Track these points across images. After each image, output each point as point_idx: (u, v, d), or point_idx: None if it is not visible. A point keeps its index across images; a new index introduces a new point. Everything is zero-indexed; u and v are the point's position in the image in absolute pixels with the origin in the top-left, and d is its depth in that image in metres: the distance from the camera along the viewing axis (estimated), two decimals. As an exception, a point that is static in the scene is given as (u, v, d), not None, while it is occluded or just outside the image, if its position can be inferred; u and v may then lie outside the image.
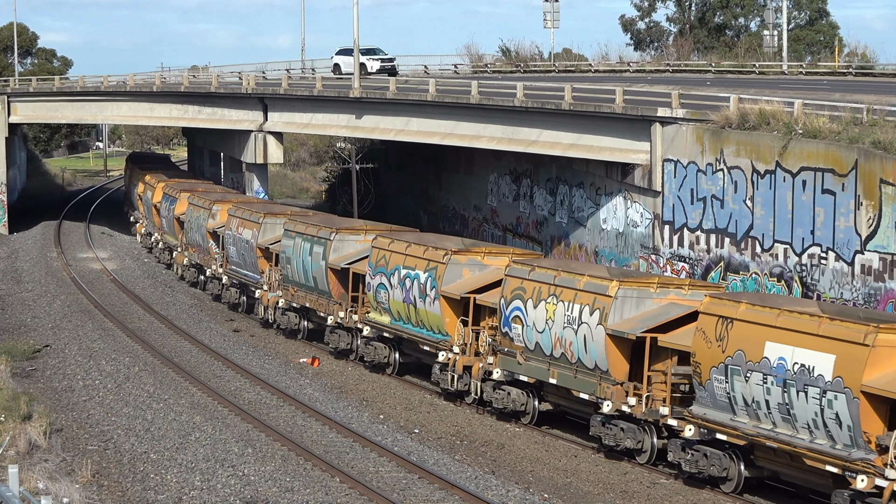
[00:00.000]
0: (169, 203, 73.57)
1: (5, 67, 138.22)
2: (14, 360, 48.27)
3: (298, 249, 52.65)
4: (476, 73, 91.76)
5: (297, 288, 53.34)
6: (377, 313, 47.22)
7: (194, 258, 67.70)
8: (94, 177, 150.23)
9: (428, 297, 43.76)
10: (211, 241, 64.20)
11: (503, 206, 65.50)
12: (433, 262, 43.87)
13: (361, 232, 51.02)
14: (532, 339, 39.14)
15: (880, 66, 74.50)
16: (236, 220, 60.32)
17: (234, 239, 60.30)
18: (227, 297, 62.52)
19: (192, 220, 67.38)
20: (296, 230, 53.49)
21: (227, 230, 61.32)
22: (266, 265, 56.82)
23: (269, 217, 57.84)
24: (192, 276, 69.29)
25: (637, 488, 34.79)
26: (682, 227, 49.34)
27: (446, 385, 43.30)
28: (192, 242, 67.62)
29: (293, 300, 53.98)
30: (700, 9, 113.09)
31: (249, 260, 58.54)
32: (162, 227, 76.10)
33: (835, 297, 41.87)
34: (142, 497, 32.90)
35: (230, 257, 61.23)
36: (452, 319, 43.06)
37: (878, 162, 40.60)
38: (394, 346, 47.89)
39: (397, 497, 33.04)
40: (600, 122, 53.78)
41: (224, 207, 63.76)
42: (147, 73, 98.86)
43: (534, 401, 40.61)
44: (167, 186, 76.08)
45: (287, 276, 53.97)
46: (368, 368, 48.78)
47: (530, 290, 39.18)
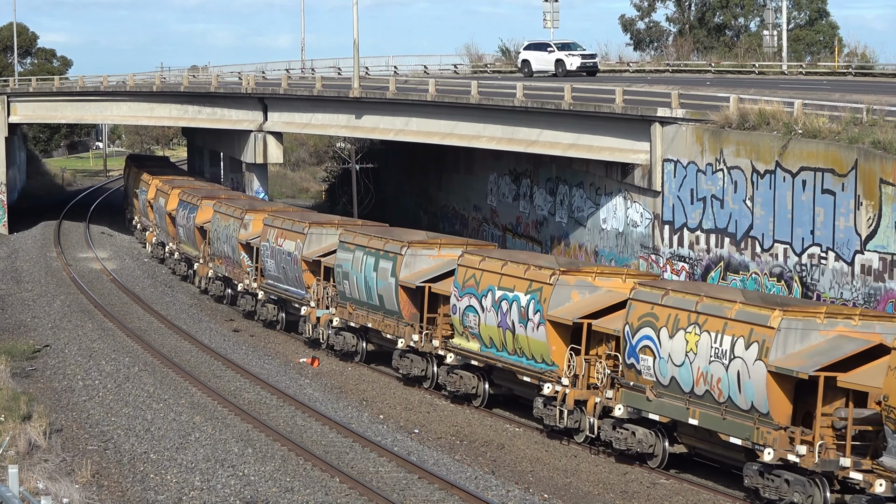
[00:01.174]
0: (188, 211, 68.72)
1: (5, 67, 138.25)
2: (14, 360, 48.27)
3: (359, 264, 48.18)
4: (476, 73, 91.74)
5: (355, 306, 48.81)
6: (463, 339, 42.68)
7: (221, 271, 63.08)
8: (93, 177, 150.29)
9: (530, 321, 39.21)
10: (243, 252, 59.52)
11: (503, 206, 65.50)
12: (537, 283, 39.29)
13: (435, 246, 46.48)
14: (666, 372, 34.57)
15: (880, 67, 74.50)
16: (274, 231, 55.68)
17: (272, 251, 55.70)
18: (263, 313, 57.87)
19: (220, 230, 62.45)
20: (355, 242, 48.94)
21: (264, 241, 56.57)
22: (312, 279, 52.70)
23: (316, 227, 53.49)
24: (217, 289, 64.49)
25: (637, 488, 34.78)
26: (682, 227, 49.34)
27: (552, 421, 38.73)
28: (218, 254, 62.88)
29: (351, 319, 49.37)
30: (700, 9, 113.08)
31: (292, 274, 54.11)
32: (178, 236, 71.08)
33: (834, 298, 41.87)
34: (142, 497, 32.89)
35: (267, 271, 56.60)
36: (560, 347, 38.55)
37: (877, 162, 40.61)
38: (483, 376, 43.03)
39: (397, 497, 33.04)
40: (600, 122, 53.78)
41: (258, 216, 59.43)
42: (147, 73, 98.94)
43: (663, 442, 35.70)
44: (184, 193, 70.93)
45: (343, 292, 49.54)
46: (450, 399, 44.06)
47: (664, 317, 34.61)
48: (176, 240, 72.03)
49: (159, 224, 76.68)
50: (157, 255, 78.21)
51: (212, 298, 64.83)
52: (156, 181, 80.00)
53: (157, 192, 77.92)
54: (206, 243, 65.18)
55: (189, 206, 68.88)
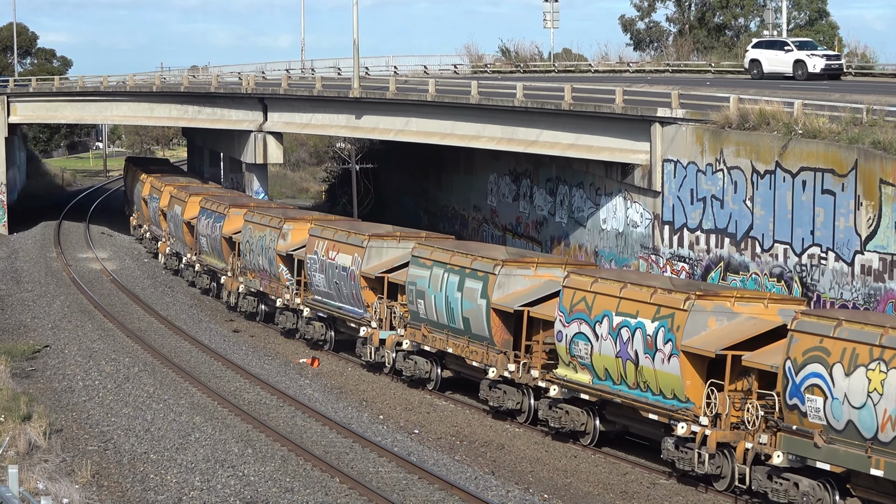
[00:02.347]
0: (212, 220, 63.84)
1: (5, 67, 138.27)
2: (14, 360, 48.29)
3: (438, 283, 43.67)
4: (476, 73, 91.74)
5: (431, 328, 44.42)
6: (570, 369, 38.21)
7: (254, 285, 58.29)
8: (93, 177, 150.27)
9: (659, 352, 34.86)
10: (282, 265, 55.11)
11: (503, 206, 65.50)
12: (667, 309, 34.98)
13: (531, 265, 41.90)
14: (841, 416, 30.43)
15: (880, 67, 74.45)
16: (323, 242, 51.14)
17: (321, 265, 51.07)
18: (309, 332, 53.37)
19: (253, 242, 57.78)
20: (432, 258, 44.42)
21: (311, 254, 51.96)
22: (373, 297, 48.07)
23: (376, 240, 48.92)
24: (250, 305, 59.73)
25: (637, 489, 34.79)
26: (682, 228, 49.34)
27: (687, 465, 34.38)
28: (253, 267, 58.04)
29: (425, 343, 44.93)
30: (700, 9, 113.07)
31: (347, 290, 49.44)
32: (199, 247, 66.23)
33: (834, 298, 41.87)
34: (142, 497, 32.90)
35: (315, 286, 51.93)
36: (696, 382, 34.29)
37: (877, 162, 40.60)
38: (593, 412, 38.48)
39: (397, 497, 33.04)
40: (600, 123, 53.77)
41: (299, 226, 55.13)
42: (147, 74, 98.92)
43: (834, 495, 31.32)
44: (206, 201, 65.96)
45: (417, 313, 45.10)
46: (552, 436, 39.84)
47: (838, 351, 30.57)
48: (195, 250, 67.54)
49: (174, 234, 71.96)
50: (171, 267, 73.67)
51: (243, 315, 60.24)
52: (169, 188, 75.43)
53: (172, 199, 73.00)
54: (235, 255, 60.70)
55: (213, 214, 64.12)
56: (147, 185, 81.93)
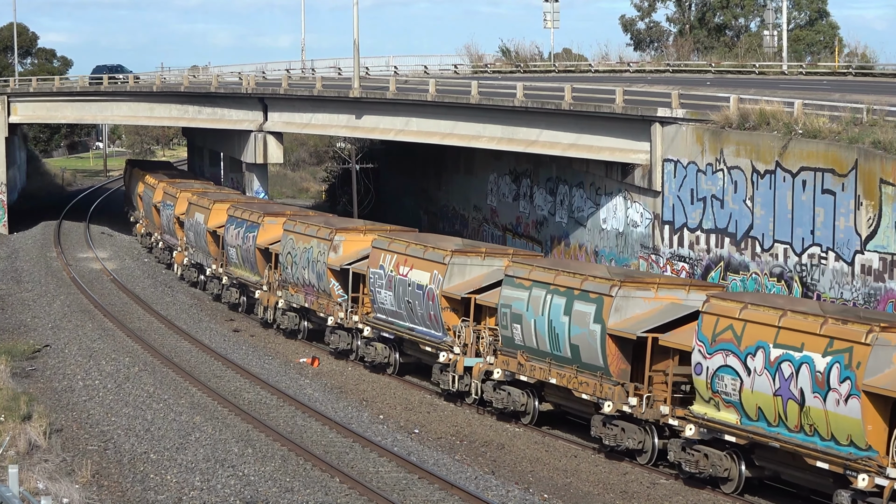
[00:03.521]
0: (244, 230, 59.53)
1: (5, 67, 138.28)
2: (14, 360, 48.28)
3: (540, 305, 39.40)
4: (476, 73, 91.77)
5: (529, 356, 40.10)
6: (711, 407, 33.88)
7: (296, 300, 54.24)
8: (93, 177, 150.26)
9: (834, 392, 30.47)
10: (333, 280, 50.81)
11: (503, 206, 65.51)
12: (843, 342, 30.49)
13: (651, 286, 37.47)
14: None
15: (880, 67, 74.52)
16: (391, 256, 46.62)
17: (390, 281, 46.61)
18: (370, 353, 48.90)
19: (296, 253, 53.65)
20: (531, 278, 40.08)
21: (376, 269, 47.39)
22: (455, 320, 43.65)
23: (459, 256, 44.18)
24: (291, 321, 55.39)
25: (637, 488, 34.79)
26: (682, 227, 49.34)
27: None
28: (295, 281, 54.01)
29: (521, 372, 40.56)
30: (700, 9, 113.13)
31: (423, 311, 44.98)
32: (228, 259, 62.15)
33: (835, 298, 41.87)
34: (142, 497, 32.90)
35: (380, 305, 47.42)
36: (879, 427, 29.96)
37: (878, 162, 40.61)
38: (738, 456, 34.02)
39: (397, 497, 33.04)
40: (600, 122, 53.79)
41: (352, 237, 51.21)
42: (147, 74, 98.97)
43: None
44: (235, 209, 61.87)
45: (511, 339, 40.74)
46: (682, 479, 35.31)
47: None
48: (221, 262, 63.26)
49: (195, 244, 67.54)
50: (189, 279, 69.54)
51: (282, 332, 56.23)
52: (186, 194, 71.29)
53: (192, 206, 68.30)
54: (272, 268, 56.87)
55: (245, 223, 59.82)
56: (159, 191, 78.19)
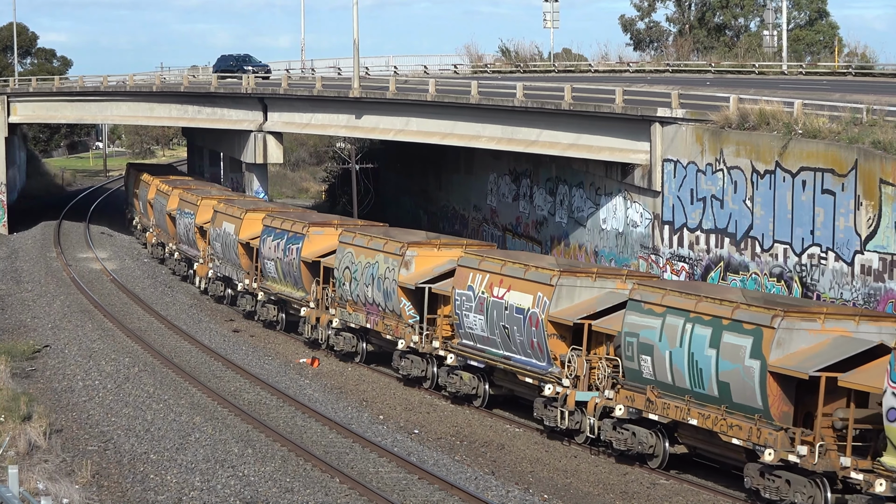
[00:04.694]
0: (285, 241, 55.08)
1: (5, 67, 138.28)
2: (14, 360, 48.29)
3: (677, 336, 34.86)
4: (476, 73, 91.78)
5: (661, 392, 35.56)
6: None
7: (355, 320, 49.55)
8: (93, 177, 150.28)
9: None
10: (404, 300, 46.40)
11: (503, 206, 65.51)
12: None
13: (817, 317, 32.89)
14: None
15: (880, 67, 74.54)
16: (483, 276, 42.16)
17: (481, 304, 42.03)
18: (454, 383, 44.04)
19: (357, 269, 48.99)
20: (665, 304, 35.45)
21: (462, 290, 42.85)
22: (563, 349, 39.12)
23: (568, 277, 39.64)
24: (347, 343, 50.64)
25: (637, 489, 34.79)
26: (682, 227, 49.34)
27: None
28: (356, 300, 49.24)
29: (651, 411, 35.84)
30: (700, 9, 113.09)
31: (524, 338, 40.43)
32: (264, 272, 57.52)
33: (834, 298, 41.86)
34: (142, 497, 32.90)
35: (467, 330, 42.90)
36: None
37: (877, 162, 40.61)
38: None
39: (397, 497, 33.05)
40: (600, 122, 53.78)
41: (426, 253, 46.75)
42: (147, 73, 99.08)
43: None
44: (272, 218, 57.48)
45: (639, 372, 36.27)
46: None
47: None
48: (255, 276, 58.84)
49: (222, 255, 63.04)
50: (215, 294, 65.13)
51: (336, 355, 51.65)
52: (209, 202, 66.93)
53: (218, 215, 63.68)
54: (320, 283, 52.66)
55: (286, 234, 55.34)
56: (174, 198, 73.65)
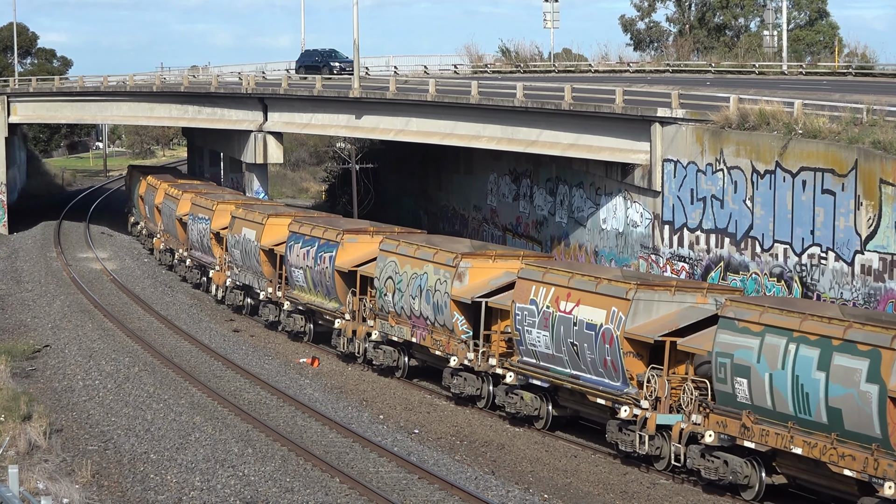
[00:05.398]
0: (316, 249, 52.11)
1: (5, 67, 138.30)
2: (14, 360, 48.29)
3: (779, 357, 32.01)
4: (476, 73, 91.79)
5: (758, 417, 32.69)
6: None
7: (398, 333, 46.94)
8: (93, 177, 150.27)
9: None
10: (457, 314, 43.59)
11: (503, 206, 65.51)
12: None
13: None
14: None
15: (880, 67, 74.56)
16: (548, 289, 39.16)
17: (545, 319, 39.19)
18: (513, 403, 41.17)
19: (403, 280, 46.32)
20: (763, 322, 32.45)
21: (524, 304, 40.07)
22: (640, 367, 36.23)
23: (645, 291, 36.58)
24: (388, 357, 48.06)
25: (637, 489, 34.79)
26: (682, 227, 49.35)
27: None
28: (400, 312, 46.58)
29: (747, 437, 32.86)
30: (700, 9, 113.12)
31: (596, 356, 37.42)
32: (291, 281, 54.59)
33: (834, 298, 41.87)
34: (142, 497, 32.91)
35: (529, 346, 40.02)
36: None
37: (878, 162, 40.61)
38: None
39: (397, 497, 33.04)
40: (600, 123, 53.79)
41: (480, 264, 43.85)
42: (147, 74, 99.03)
43: None
44: (298, 224, 54.47)
45: (731, 395, 33.23)
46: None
47: None
48: (277, 284, 56.55)
49: (242, 263, 60.09)
50: (233, 303, 61.68)
51: (375, 369, 49.13)
52: (227, 206, 64.00)
53: (237, 221, 60.60)
54: (356, 294, 49.70)
55: (317, 241, 52.48)
56: (185, 203, 70.84)
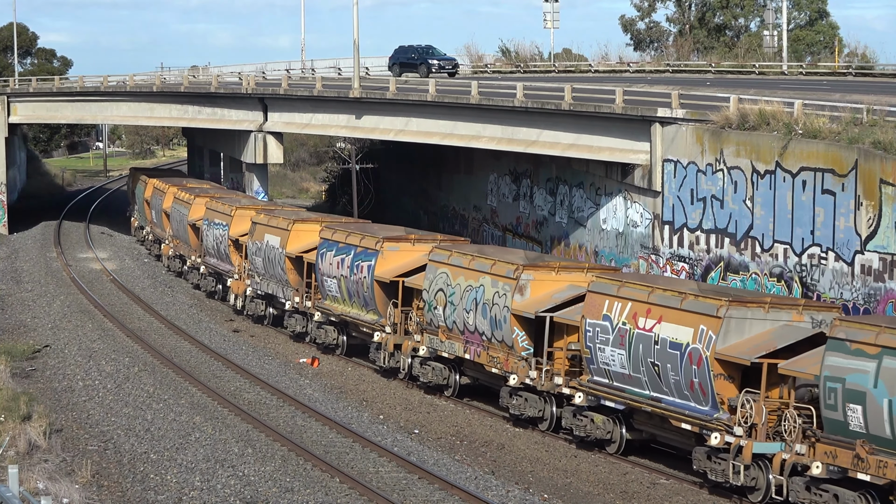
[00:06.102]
0: (352, 258, 49.30)
1: (5, 67, 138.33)
2: (14, 360, 48.31)
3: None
4: (476, 73, 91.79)
5: (875, 448, 29.71)
6: None
7: (448, 349, 44.06)
8: (93, 177, 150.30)
9: None
10: (517, 330, 40.57)
11: (503, 206, 65.51)
12: None
13: None
14: None
15: (880, 67, 74.59)
16: (624, 304, 36.62)
17: (622, 337, 36.40)
18: (583, 426, 38.19)
19: (455, 292, 43.19)
20: (879, 343, 29.75)
21: (596, 320, 37.35)
22: (731, 391, 33.50)
23: (738, 308, 33.83)
24: (438, 375, 45.04)
25: (637, 488, 34.79)
26: (682, 228, 49.35)
27: None
28: (452, 327, 43.72)
29: (861, 469, 29.89)
30: (700, 9, 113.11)
31: (681, 378, 34.54)
32: (323, 291, 51.61)
33: (834, 298, 41.87)
34: (142, 497, 32.91)
35: (602, 366, 37.24)
36: None
37: (877, 162, 40.61)
38: None
39: (397, 497, 33.04)
40: (600, 123, 53.79)
41: (542, 276, 40.86)
42: (147, 74, 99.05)
43: None
44: (331, 231, 51.64)
45: (843, 424, 30.37)
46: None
47: None
48: (306, 293, 53.77)
49: (264, 271, 57.24)
50: (255, 313, 59.07)
51: (420, 388, 46.14)
52: (244, 212, 61.64)
53: (259, 227, 57.77)
54: (396, 306, 47.10)
55: (352, 249, 49.59)
56: (198, 208, 68.20)
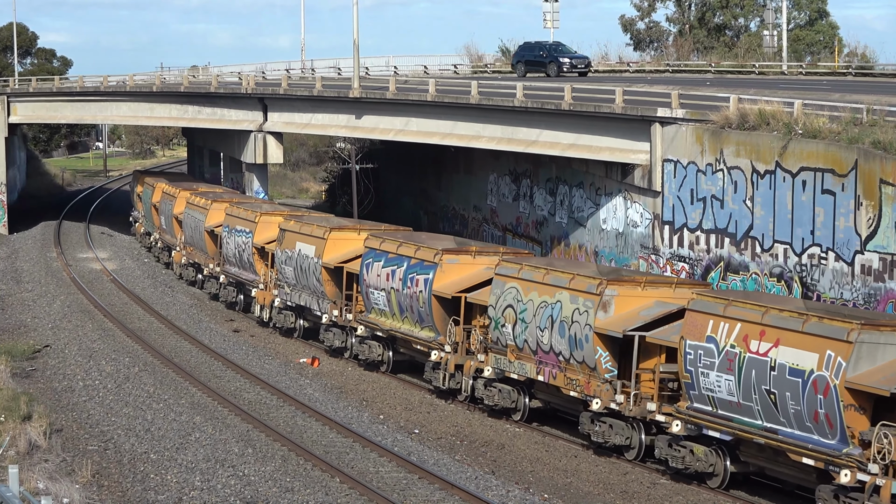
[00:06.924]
0: (405, 270, 45.88)
1: (5, 67, 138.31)
2: (14, 360, 48.32)
3: None
4: (476, 73, 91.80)
5: None
6: None
7: (517, 369, 40.96)
8: (93, 177, 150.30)
9: None
10: (601, 350, 37.77)
11: (503, 206, 65.51)
12: None
13: None
14: None
15: (880, 67, 74.66)
16: (731, 325, 33.29)
17: (730, 362, 33.24)
18: (683, 458, 35.14)
19: (526, 309, 40.24)
20: None
21: (698, 341, 34.15)
22: (863, 424, 30.19)
23: (870, 332, 30.24)
24: (506, 398, 41.96)
25: (637, 488, 34.80)
26: (682, 228, 49.35)
27: None
28: (522, 346, 40.47)
29: None
30: (700, 9, 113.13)
31: (803, 408, 31.19)
32: (367, 304, 48.65)
33: (834, 298, 41.88)
34: (142, 497, 32.92)
35: (704, 392, 33.98)
36: None
37: (877, 162, 40.61)
38: None
39: (397, 497, 33.05)
40: (600, 123, 53.79)
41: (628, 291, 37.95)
42: (147, 74, 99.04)
43: None
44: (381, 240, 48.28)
45: None
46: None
47: None
48: (345, 305, 50.95)
49: (295, 281, 54.07)
50: (284, 325, 55.80)
51: (484, 411, 42.85)
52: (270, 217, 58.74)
53: (288, 234, 54.60)
54: (458, 324, 43.82)
55: (406, 261, 46.20)
56: (216, 213, 65.14)
